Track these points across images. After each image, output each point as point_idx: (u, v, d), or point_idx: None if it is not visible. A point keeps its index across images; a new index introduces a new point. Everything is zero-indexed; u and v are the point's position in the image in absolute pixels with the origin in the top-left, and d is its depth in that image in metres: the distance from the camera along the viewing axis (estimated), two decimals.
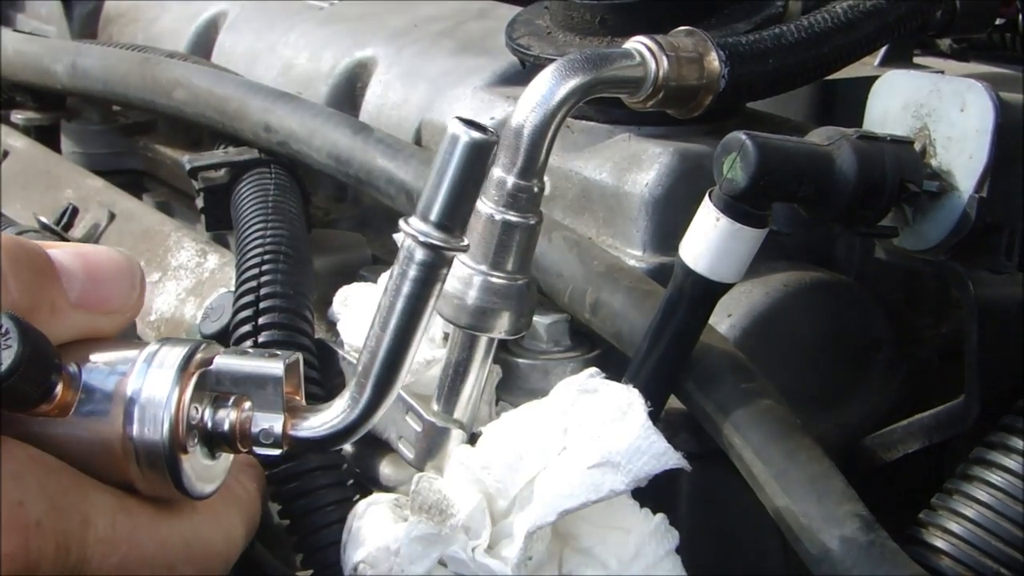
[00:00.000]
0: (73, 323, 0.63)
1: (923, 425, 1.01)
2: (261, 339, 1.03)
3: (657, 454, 0.79)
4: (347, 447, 1.05)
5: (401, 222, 0.73)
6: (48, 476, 0.57)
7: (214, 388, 0.73)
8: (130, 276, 0.65)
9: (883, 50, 1.46)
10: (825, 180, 0.88)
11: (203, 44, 1.75)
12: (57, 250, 0.63)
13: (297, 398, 0.75)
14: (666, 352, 0.89)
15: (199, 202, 1.32)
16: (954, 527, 0.84)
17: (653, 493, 0.82)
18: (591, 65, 0.90)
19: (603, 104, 1.11)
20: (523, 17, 1.27)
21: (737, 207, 0.85)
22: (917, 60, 1.55)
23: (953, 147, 0.92)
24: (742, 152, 0.83)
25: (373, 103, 1.41)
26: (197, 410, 0.71)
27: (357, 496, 0.96)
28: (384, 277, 1.06)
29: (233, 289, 1.10)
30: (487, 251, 0.87)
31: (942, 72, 1.29)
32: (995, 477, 0.84)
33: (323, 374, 1.06)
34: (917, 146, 0.94)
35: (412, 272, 0.72)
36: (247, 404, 0.73)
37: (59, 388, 0.66)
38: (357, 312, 1.05)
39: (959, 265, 0.94)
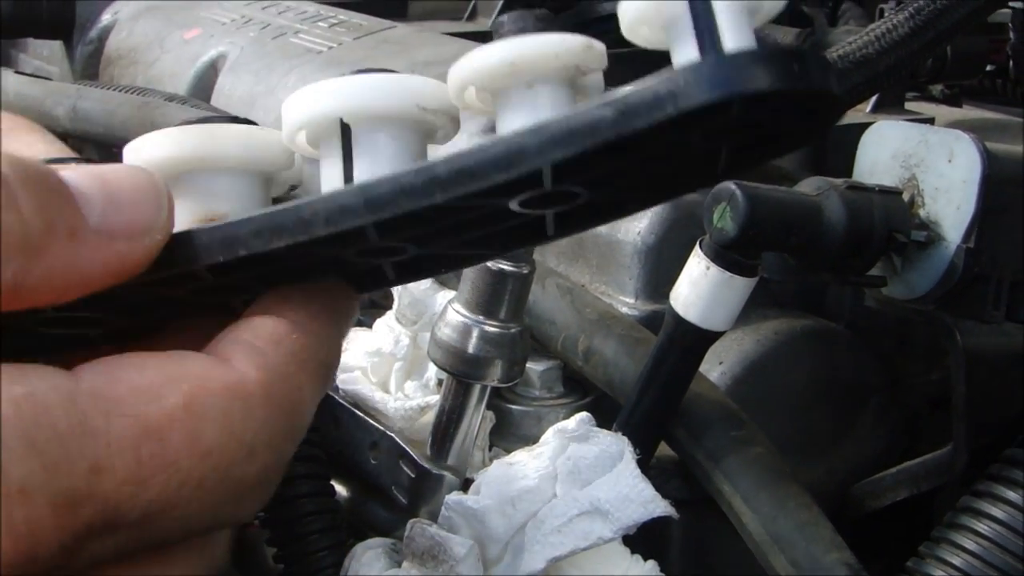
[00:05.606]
0: (97, 249, 0.51)
1: (911, 473, 1.02)
2: None
3: (645, 502, 0.80)
4: (341, 492, 1.06)
5: None
6: (37, 423, 0.45)
7: None
8: (155, 195, 0.54)
9: (875, 96, 1.47)
10: (814, 230, 0.89)
11: (203, 86, 1.76)
12: (69, 171, 0.52)
13: None
14: (656, 400, 0.90)
15: None
16: None
17: (644, 539, 0.83)
18: None
19: None
20: None
21: (727, 256, 0.86)
22: (909, 105, 1.56)
23: (941, 197, 0.93)
24: (732, 202, 0.84)
25: None
26: None
27: (352, 540, 0.97)
28: (380, 322, 1.07)
29: None
30: (480, 300, 0.88)
31: (932, 119, 1.31)
32: (982, 526, 0.84)
33: (317, 416, 1.06)
34: (905, 196, 0.95)
35: None
36: None
37: None
38: (350, 355, 1.06)
39: (947, 314, 0.95)
